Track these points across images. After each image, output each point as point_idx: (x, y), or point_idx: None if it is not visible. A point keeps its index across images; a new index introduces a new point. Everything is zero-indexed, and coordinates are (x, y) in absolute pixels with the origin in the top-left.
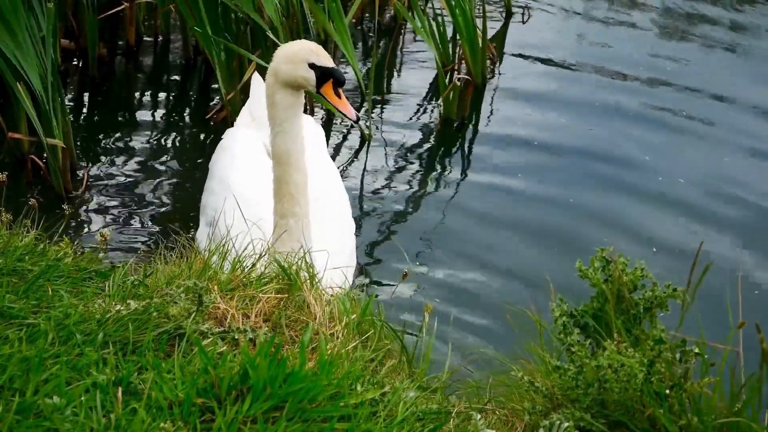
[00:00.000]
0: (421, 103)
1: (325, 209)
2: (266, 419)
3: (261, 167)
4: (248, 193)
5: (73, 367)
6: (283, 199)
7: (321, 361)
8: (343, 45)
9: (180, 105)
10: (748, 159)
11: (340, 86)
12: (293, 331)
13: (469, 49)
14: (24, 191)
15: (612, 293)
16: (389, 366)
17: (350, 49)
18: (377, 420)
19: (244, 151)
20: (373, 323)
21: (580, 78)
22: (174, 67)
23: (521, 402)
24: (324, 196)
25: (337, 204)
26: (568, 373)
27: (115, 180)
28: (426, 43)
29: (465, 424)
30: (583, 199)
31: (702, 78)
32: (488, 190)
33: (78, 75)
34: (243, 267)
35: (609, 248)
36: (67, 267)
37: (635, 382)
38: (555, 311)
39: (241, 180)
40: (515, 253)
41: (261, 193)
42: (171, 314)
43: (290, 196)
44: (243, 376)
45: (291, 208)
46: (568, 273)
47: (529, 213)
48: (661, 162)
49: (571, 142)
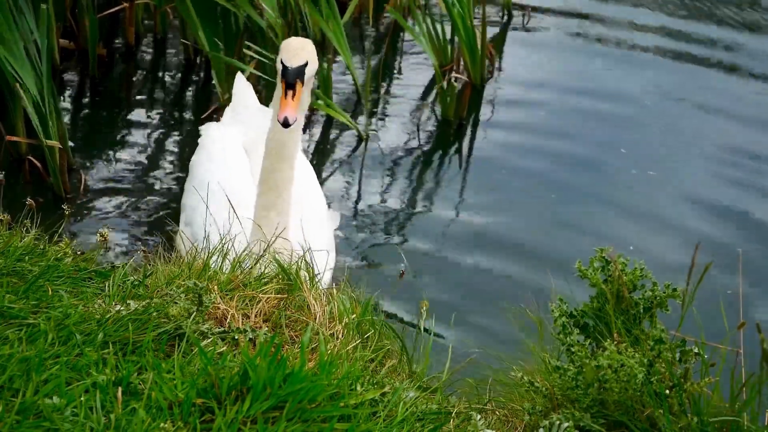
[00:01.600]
0: (419, 104)
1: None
2: (266, 419)
3: (240, 165)
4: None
5: (73, 367)
6: (269, 191)
7: (321, 361)
8: (339, 45)
9: (179, 105)
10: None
11: (289, 88)
12: (293, 331)
13: (468, 50)
14: (22, 192)
15: (612, 293)
16: (389, 366)
17: (345, 47)
18: (377, 420)
19: (222, 150)
20: (372, 323)
21: (580, 81)
22: (173, 67)
23: (521, 402)
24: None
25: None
26: (568, 373)
27: (114, 180)
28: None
29: (465, 424)
30: (583, 200)
31: (704, 83)
32: (486, 190)
33: (77, 75)
34: (242, 267)
35: (608, 248)
36: (66, 267)
37: (635, 383)
38: (555, 311)
39: (221, 179)
40: (514, 253)
41: (241, 192)
42: (171, 314)
43: (276, 189)
44: (243, 376)
45: (275, 200)
46: (568, 273)
47: (529, 213)
48: (664, 166)
49: (570, 143)
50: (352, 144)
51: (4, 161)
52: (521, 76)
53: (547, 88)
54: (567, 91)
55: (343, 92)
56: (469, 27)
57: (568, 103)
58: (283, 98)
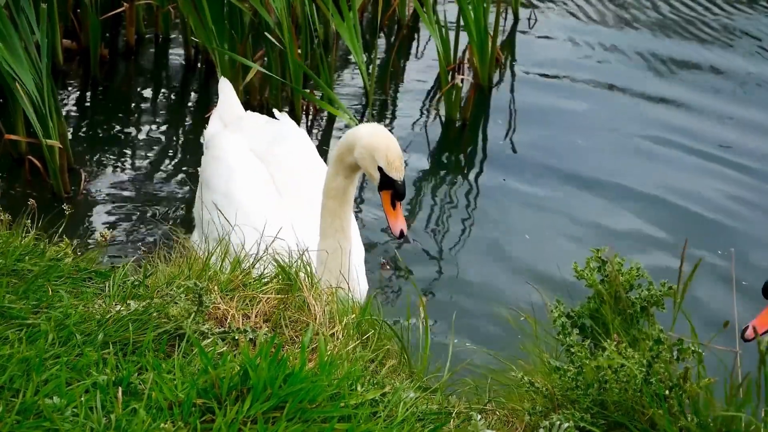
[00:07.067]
0: (424, 104)
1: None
2: (266, 419)
3: (262, 177)
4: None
5: (73, 367)
6: (336, 233)
7: (321, 361)
8: (351, 43)
9: (180, 105)
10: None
11: (398, 199)
12: (293, 331)
13: (478, 51)
14: (22, 192)
15: (609, 294)
16: (389, 366)
17: (357, 46)
18: (377, 420)
19: (242, 162)
20: (372, 323)
21: (585, 84)
22: (174, 67)
23: (521, 402)
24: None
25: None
26: (567, 373)
27: (115, 180)
28: (429, 43)
29: (465, 424)
30: (584, 201)
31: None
32: (488, 190)
33: (79, 75)
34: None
35: (604, 248)
36: (66, 267)
37: (634, 383)
38: (554, 312)
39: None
40: (515, 254)
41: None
42: (171, 314)
43: (342, 231)
44: (243, 376)
45: (342, 241)
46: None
47: (529, 214)
48: (669, 170)
49: (574, 145)
50: None
51: (5, 161)
52: (527, 78)
53: (552, 91)
54: (572, 95)
55: (347, 93)
56: (482, 27)
57: (573, 106)
58: (390, 209)
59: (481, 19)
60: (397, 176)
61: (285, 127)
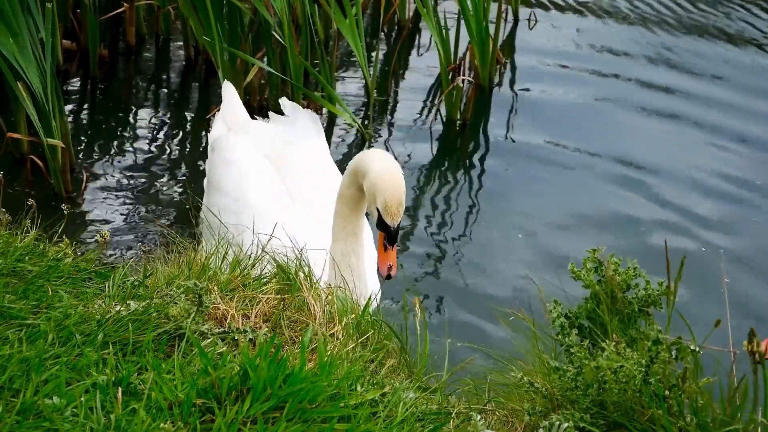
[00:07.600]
0: (424, 105)
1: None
2: (266, 420)
3: (272, 181)
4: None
5: (73, 367)
6: (348, 238)
7: (321, 361)
8: (353, 43)
9: (180, 105)
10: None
11: (389, 243)
12: (293, 331)
13: (479, 51)
14: (23, 191)
15: (606, 294)
16: (389, 366)
17: (360, 45)
18: (377, 420)
19: (254, 165)
20: (372, 323)
21: (586, 84)
22: (174, 67)
23: (521, 402)
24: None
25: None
26: (567, 374)
27: (115, 180)
28: (430, 44)
29: (465, 424)
30: (584, 201)
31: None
32: (488, 191)
33: (79, 75)
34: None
35: (600, 249)
36: (66, 267)
37: (634, 383)
38: (552, 312)
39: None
40: (515, 254)
41: (280, 210)
42: (171, 315)
43: (354, 236)
44: (243, 376)
45: (354, 246)
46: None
47: (529, 214)
48: (673, 164)
49: (575, 146)
50: (355, 143)
51: (6, 160)
52: (527, 79)
53: (553, 91)
54: (573, 94)
55: (347, 93)
56: (483, 27)
57: (574, 106)
58: (382, 250)
59: (481, 19)
60: (390, 222)
61: (296, 127)
